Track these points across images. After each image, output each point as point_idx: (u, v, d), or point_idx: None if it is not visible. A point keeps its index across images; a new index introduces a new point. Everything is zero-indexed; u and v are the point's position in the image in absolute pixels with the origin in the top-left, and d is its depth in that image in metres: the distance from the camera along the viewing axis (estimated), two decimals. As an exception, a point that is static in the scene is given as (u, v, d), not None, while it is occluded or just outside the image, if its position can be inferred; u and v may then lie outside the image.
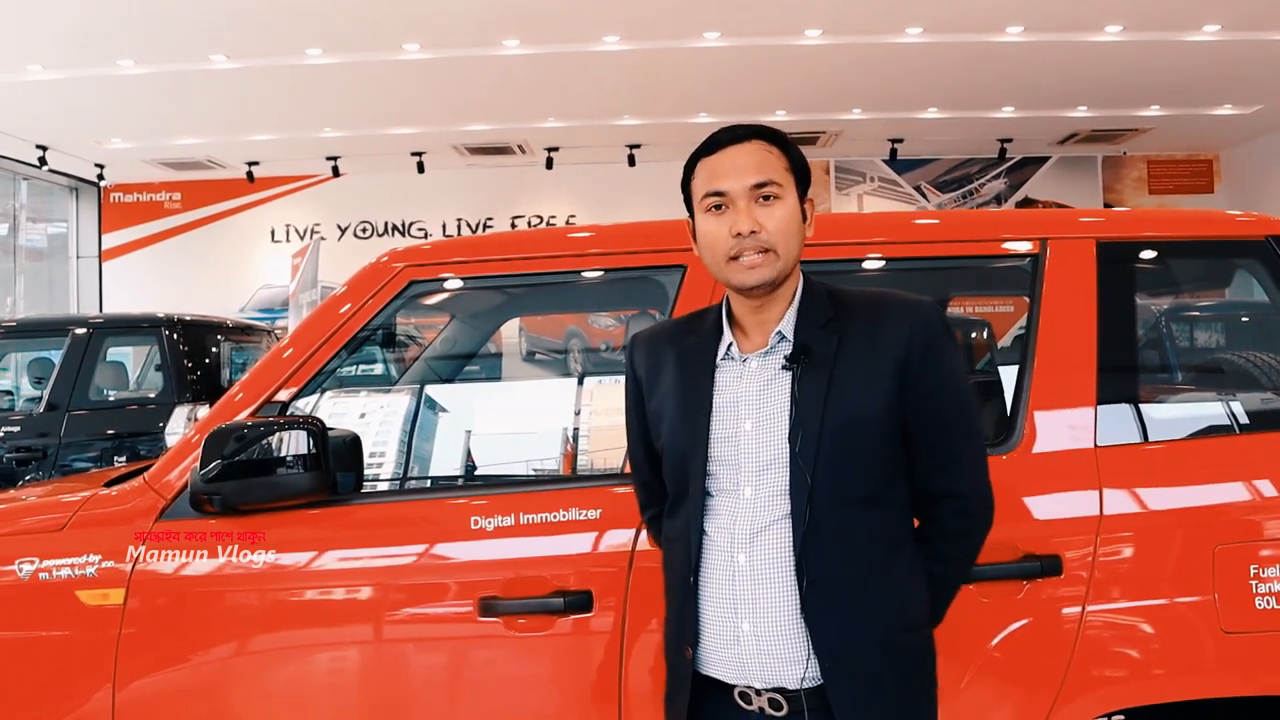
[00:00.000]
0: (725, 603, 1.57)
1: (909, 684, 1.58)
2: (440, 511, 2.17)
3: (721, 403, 1.62)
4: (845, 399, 1.55)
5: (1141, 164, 12.93)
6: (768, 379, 1.60)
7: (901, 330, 1.58)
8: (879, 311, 1.62)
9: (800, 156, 1.66)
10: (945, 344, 1.62)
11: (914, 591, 1.60)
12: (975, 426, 1.66)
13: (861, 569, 1.55)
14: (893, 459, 1.59)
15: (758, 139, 1.62)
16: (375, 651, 2.05)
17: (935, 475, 1.61)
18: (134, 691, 2.02)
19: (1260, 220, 2.29)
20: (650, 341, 1.77)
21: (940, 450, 1.61)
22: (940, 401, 1.59)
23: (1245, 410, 2.30)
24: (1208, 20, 7.98)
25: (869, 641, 1.53)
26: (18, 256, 12.54)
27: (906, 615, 1.58)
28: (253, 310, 12.47)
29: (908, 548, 1.61)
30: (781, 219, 1.59)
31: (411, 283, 2.27)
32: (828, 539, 1.53)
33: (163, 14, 7.49)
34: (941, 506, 1.63)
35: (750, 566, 1.55)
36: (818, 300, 1.63)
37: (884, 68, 9.09)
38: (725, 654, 1.57)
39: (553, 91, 9.79)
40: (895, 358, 1.57)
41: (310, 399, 2.40)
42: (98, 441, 5.76)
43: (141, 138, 11.11)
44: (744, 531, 1.57)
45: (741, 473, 1.58)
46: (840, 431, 1.54)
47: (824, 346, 1.58)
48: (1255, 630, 1.93)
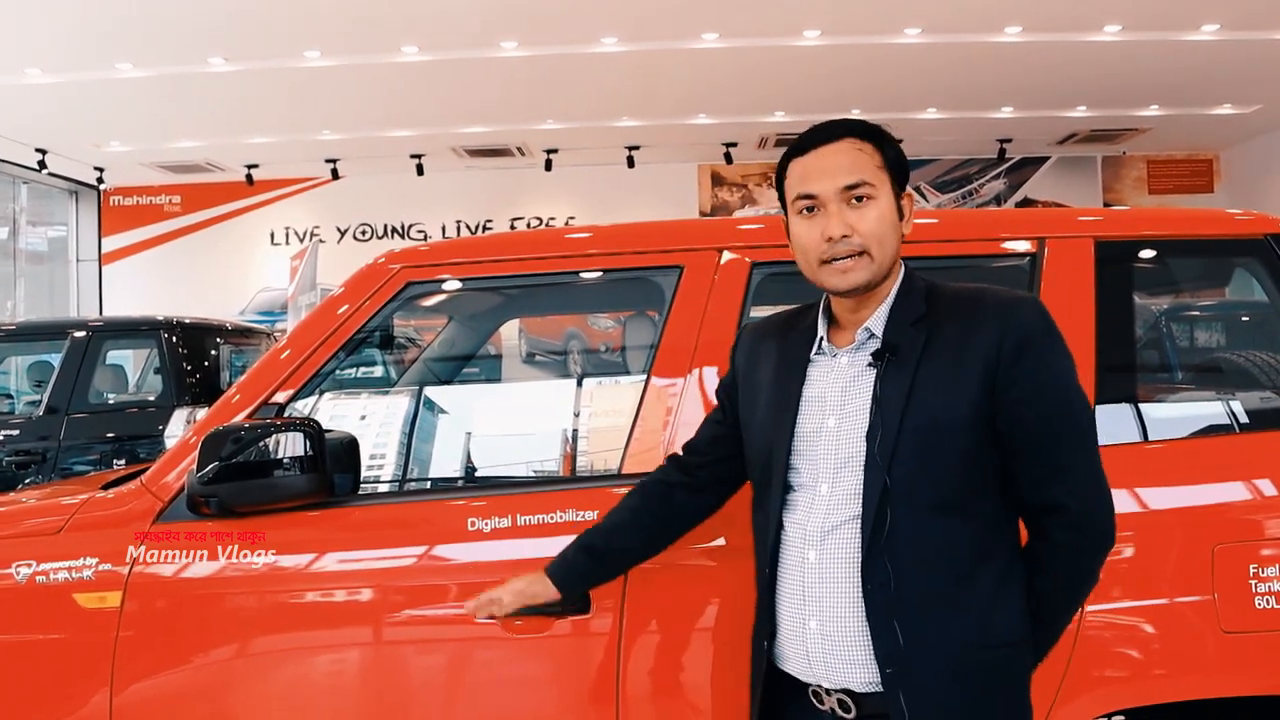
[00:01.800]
0: (797, 599, 1.56)
1: (984, 704, 1.50)
2: (438, 513, 2.17)
3: (809, 397, 1.60)
4: (927, 400, 1.50)
5: (1141, 164, 12.92)
6: (854, 376, 1.57)
7: (993, 331, 1.51)
8: (972, 310, 1.55)
9: (897, 152, 1.60)
10: (1045, 346, 1.52)
11: (1002, 609, 1.52)
12: (1085, 435, 1.55)
13: (935, 578, 1.49)
14: (979, 467, 1.51)
15: (850, 136, 1.57)
16: (373, 653, 2.04)
17: (1036, 487, 1.52)
18: (132, 694, 2.02)
19: (1259, 219, 2.29)
20: (755, 334, 1.77)
21: (1040, 460, 1.51)
22: (1037, 408, 1.50)
23: (1244, 409, 2.30)
24: (1207, 20, 7.98)
25: (936, 654, 1.48)
26: (18, 260, 12.54)
27: (988, 633, 1.50)
28: (252, 313, 12.48)
29: (998, 562, 1.53)
30: (874, 220, 1.54)
31: (409, 284, 2.27)
32: (898, 544, 1.48)
33: (161, 17, 7.49)
34: (1046, 520, 1.53)
35: (819, 564, 1.53)
36: (913, 296, 1.58)
37: (883, 68, 9.09)
38: (796, 650, 1.56)
39: (551, 93, 9.79)
40: (984, 360, 1.50)
41: (308, 401, 2.40)
42: (97, 444, 5.75)
43: (141, 141, 11.11)
44: (816, 528, 1.55)
45: (821, 469, 1.56)
46: (919, 433, 1.49)
47: (911, 345, 1.53)
48: (1255, 630, 1.92)
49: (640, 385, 2.20)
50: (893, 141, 1.60)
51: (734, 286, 2.18)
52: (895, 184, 1.59)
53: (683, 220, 2.41)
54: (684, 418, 2.10)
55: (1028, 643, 1.56)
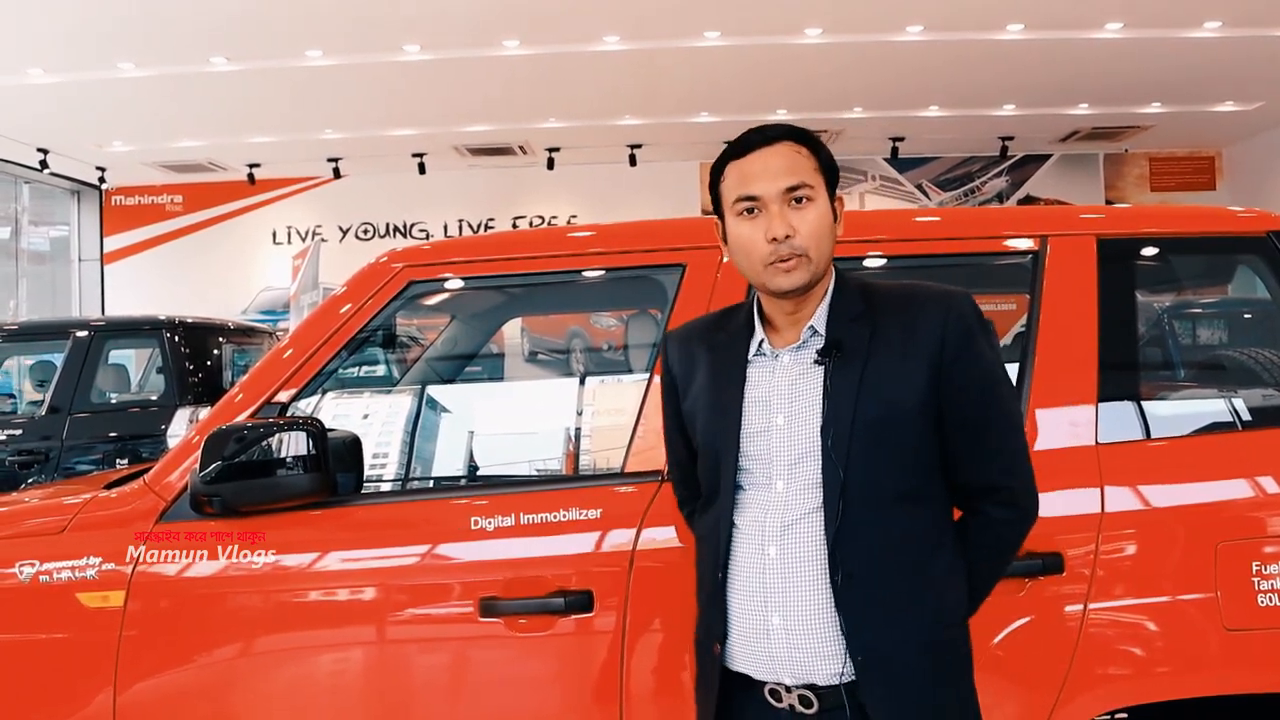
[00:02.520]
0: (755, 597, 1.57)
1: (946, 682, 1.57)
2: (441, 512, 2.17)
3: (753, 398, 1.62)
4: (878, 393, 1.54)
5: (1143, 161, 12.91)
6: (800, 374, 1.60)
7: (935, 323, 1.57)
8: (912, 304, 1.61)
9: (829, 155, 1.64)
10: (980, 336, 1.59)
11: (953, 588, 1.59)
12: (1016, 419, 1.64)
13: (899, 565, 1.54)
14: (929, 453, 1.58)
15: (788, 140, 1.61)
16: (376, 652, 2.05)
17: (976, 469, 1.60)
18: (135, 694, 2.02)
19: (1261, 216, 2.29)
20: (683, 340, 1.77)
21: (980, 444, 1.59)
22: (975, 394, 1.57)
23: (1247, 407, 2.30)
24: (1208, 17, 7.97)
25: (906, 639, 1.52)
26: (20, 260, 12.55)
27: (945, 613, 1.57)
28: (255, 312, 12.48)
29: (948, 543, 1.60)
30: (814, 222, 1.58)
31: (411, 283, 2.27)
32: (862, 533, 1.52)
33: (162, 16, 7.49)
34: (985, 500, 1.61)
35: (781, 559, 1.55)
36: (850, 294, 1.63)
37: (885, 66, 9.08)
38: (754, 649, 1.57)
39: (553, 92, 9.79)
40: (929, 351, 1.56)
41: (310, 400, 2.40)
42: (100, 444, 5.76)
43: (142, 140, 11.11)
44: (775, 525, 1.56)
45: (773, 467, 1.58)
46: (873, 425, 1.53)
47: (856, 340, 1.58)
48: (1258, 627, 1.92)
49: (643, 384, 2.20)
50: (825, 147, 1.65)
51: (736, 285, 2.17)
52: (830, 186, 1.63)
53: (685, 219, 2.41)
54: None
55: (968, 615, 1.63)
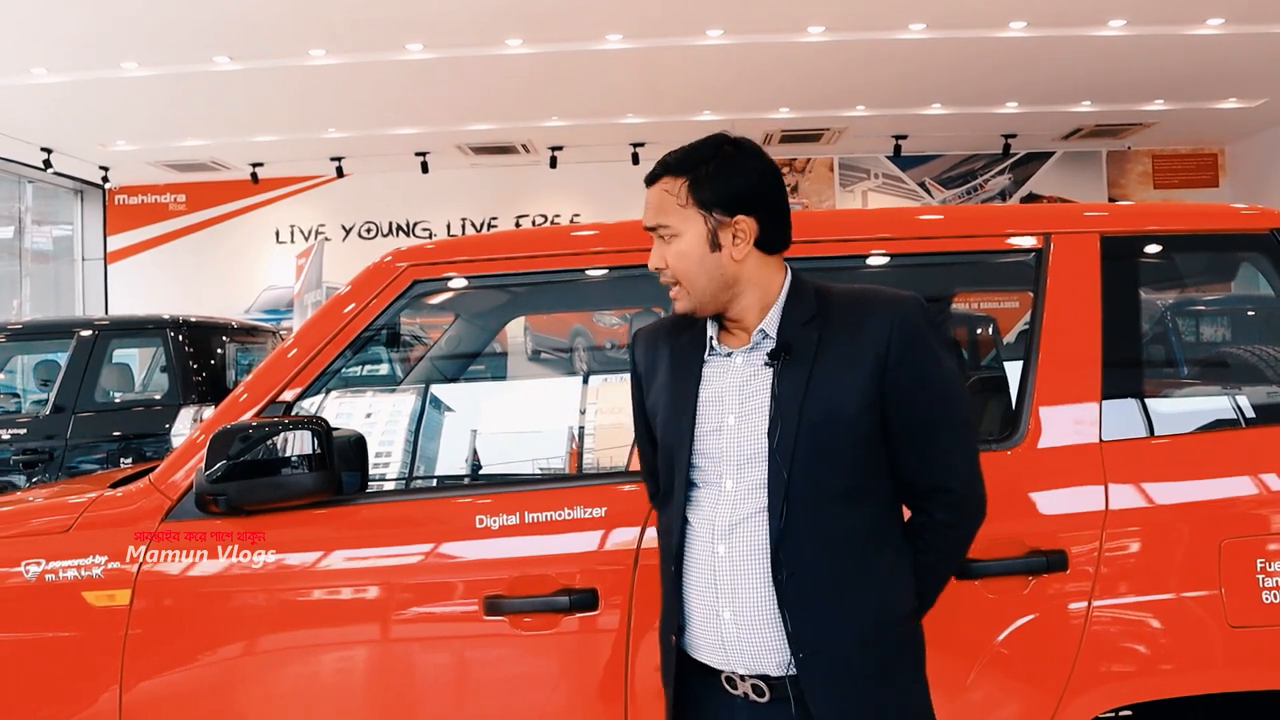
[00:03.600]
0: (708, 590, 1.62)
1: (888, 677, 1.60)
2: (445, 511, 2.18)
3: (706, 397, 1.66)
4: (823, 396, 1.58)
5: (1146, 159, 12.89)
6: (750, 375, 1.64)
7: (881, 327, 1.60)
8: (860, 308, 1.64)
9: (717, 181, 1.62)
10: (926, 340, 1.62)
11: (897, 586, 1.63)
12: (961, 421, 1.67)
13: (840, 563, 1.58)
14: (873, 455, 1.61)
15: (665, 176, 1.66)
16: (381, 651, 2.05)
17: (919, 471, 1.63)
18: (141, 692, 2.03)
19: (1265, 213, 2.29)
20: (649, 338, 1.82)
21: (923, 446, 1.62)
22: (920, 397, 1.60)
23: (1250, 404, 2.30)
24: (1211, 14, 7.95)
25: (845, 635, 1.57)
26: (24, 259, 12.57)
27: (888, 609, 1.61)
28: (258, 311, 12.49)
29: (892, 542, 1.64)
30: (674, 257, 1.64)
31: (415, 282, 2.27)
32: (805, 533, 1.56)
33: (166, 16, 7.50)
34: (929, 501, 1.65)
35: (729, 557, 1.60)
36: (804, 298, 1.66)
37: (887, 64, 9.07)
38: (710, 640, 1.62)
39: (556, 90, 9.79)
40: (875, 354, 1.59)
41: (315, 399, 2.41)
42: (104, 443, 5.77)
43: (146, 140, 11.12)
44: (724, 522, 1.61)
45: (724, 466, 1.63)
46: (818, 428, 1.57)
47: (804, 344, 1.61)
48: (1262, 625, 1.93)
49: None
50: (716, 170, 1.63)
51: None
52: (717, 208, 1.62)
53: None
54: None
55: (918, 614, 1.67)
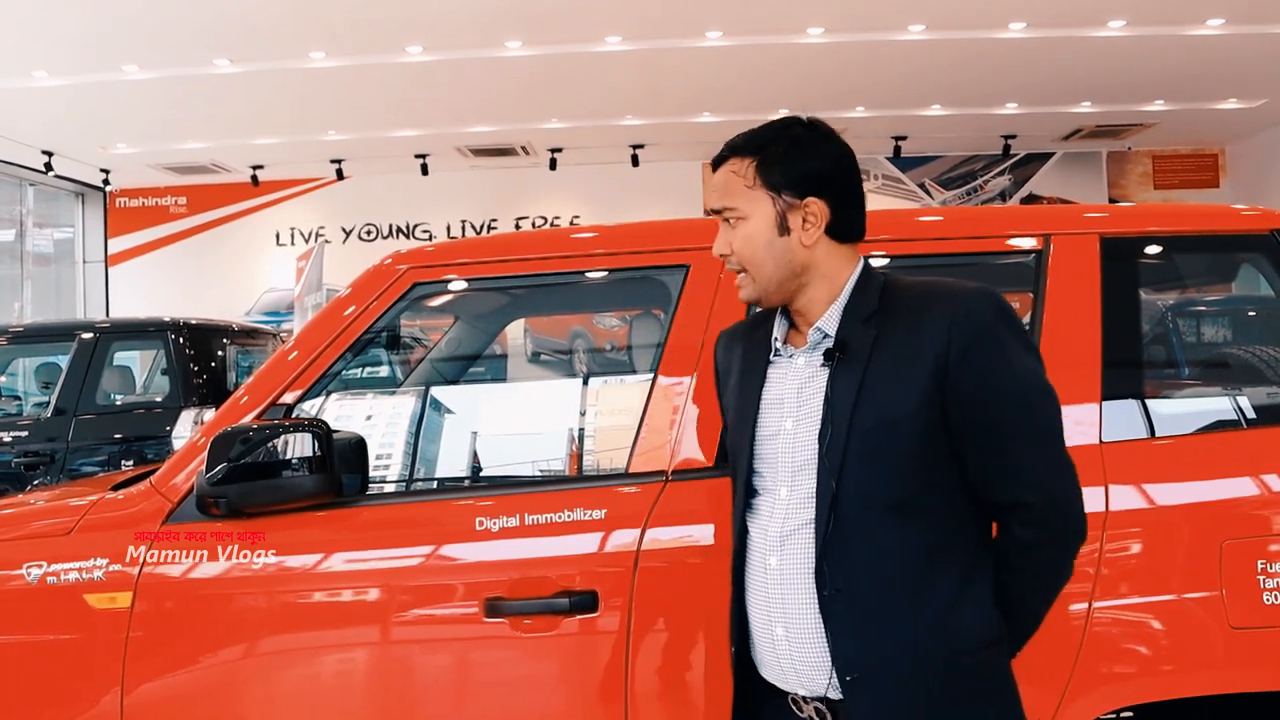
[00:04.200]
0: (763, 606, 1.55)
1: (953, 709, 1.46)
2: (446, 513, 2.18)
3: (769, 399, 1.59)
4: (876, 399, 1.47)
5: (1146, 159, 12.89)
6: (809, 376, 1.56)
7: (941, 324, 1.46)
8: (922, 303, 1.51)
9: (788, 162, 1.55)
10: (995, 338, 1.47)
11: (967, 611, 1.48)
12: (1043, 428, 1.49)
13: (891, 581, 1.46)
14: (933, 465, 1.47)
15: (732, 157, 1.59)
16: (382, 653, 2.05)
17: (993, 484, 1.48)
18: (142, 694, 2.03)
19: (1265, 214, 2.29)
20: (729, 337, 1.77)
21: (992, 457, 1.47)
22: (985, 403, 1.45)
23: (1251, 405, 2.30)
24: (1211, 14, 7.96)
25: (897, 658, 1.45)
26: (25, 262, 12.58)
27: (953, 635, 1.46)
28: (258, 313, 12.50)
29: (960, 562, 1.49)
30: (740, 241, 1.57)
31: (415, 284, 2.27)
32: (851, 547, 1.46)
33: (166, 19, 7.51)
34: (1010, 517, 1.49)
35: (780, 570, 1.52)
36: (869, 293, 1.55)
37: (887, 65, 9.08)
38: (768, 657, 1.55)
39: (556, 92, 9.80)
40: (933, 355, 1.46)
41: (315, 401, 2.41)
42: (105, 445, 5.77)
43: (146, 142, 11.14)
44: (776, 533, 1.54)
45: (780, 473, 1.55)
46: (870, 434, 1.46)
47: (861, 343, 1.51)
48: (1263, 626, 1.92)
49: (646, 384, 2.20)
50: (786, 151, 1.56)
51: (740, 285, 2.18)
52: (784, 195, 1.55)
53: (688, 219, 2.41)
54: (690, 416, 2.11)
55: (1001, 642, 1.51)
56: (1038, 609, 1.56)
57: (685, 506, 2.04)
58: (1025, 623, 1.55)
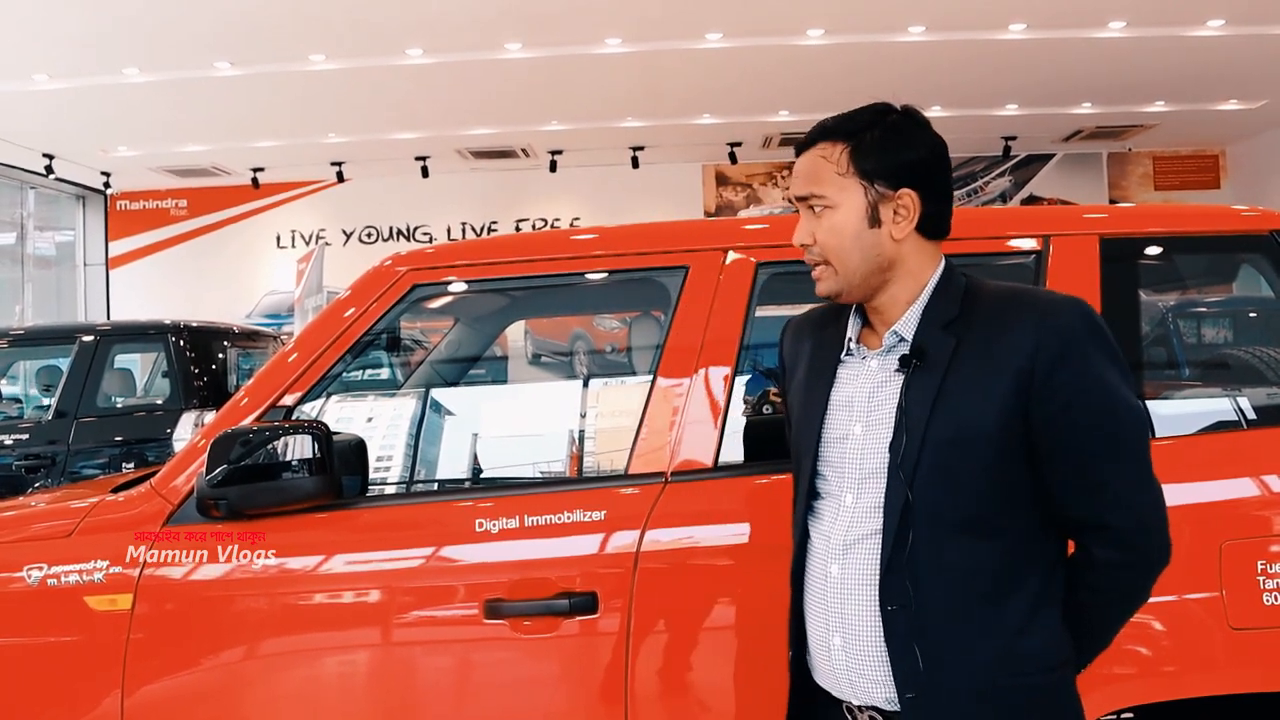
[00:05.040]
0: (820, 614, 1.50)
1: None
2: (446, 514, 2.18)
3: (837, 401, 1.53)
4: (954, 411, 1.40)
5: (1147, 160, 12.89)
6: (882, 381, 1.49)
7: (1026, 337, 1.40)
8: (1008, 313, 1.44)
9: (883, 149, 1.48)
10: (1084, 353, 1.41)
11: (1038, 634, 1.42)
12: (1130, 448, 1.43)
13: (959, 601, 1.40)
14: (1010, 482, 1.42)
15: (822, 140, 1.51)
16: (382, 654, 2.05)
17: (1074, 503, 1.43)
18: (143, 697, 2.03)
19: (1265, 215, 2.29)
20: (797, 329, 1.69)
21: (1078, 476, 1.41)
22: (1071, 421, 1.39)
23: (1251, 405, 2.29)
24: (1211, 15, 7.96)
25: (959, 679, 1.39)
26: (25, 265, 12.59)
27: (1020, 657, 1.41)
28: (259, 316, 12.49)
29: (1033, 583, 1.43)
30: (825, 231, 1.49)
31: (415, 286, 2.27)
32: (919, 563, 1.40)
33: (167, 21, 7.51)
34: (1088, 538, 1.45)
35: (842, 579, 1.47)
36: (950, 297, 1.49)
37: (887, 66, 9.08)
38: (824, 664, 1.51)
39: (555, 94, 9.80)
40: (1017, 368, 1.39)
41: (315, 403, 2.41)
42: (106, 448, 5.77)
43: (147, 145, 11.14)
44: (839, 541, 1.48)
45: (846, 478, 1.49)
46: (944, 447, 1.40)
47: (940, 350, 1.44)
48: (1263, 626, 1.92)
49: (646, 386, 2.20)
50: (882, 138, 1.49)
51: (739, 286, 2.18)
52: (877, 184, 1.48)
53: (688, 220, 2.42)
54: (690, 417, 2.11)
55: (1069, 665, 1.46)
56: (1110, 630, 1.52)
57: (685, 508, 2.04)
58: (1095, 643, 1.51)
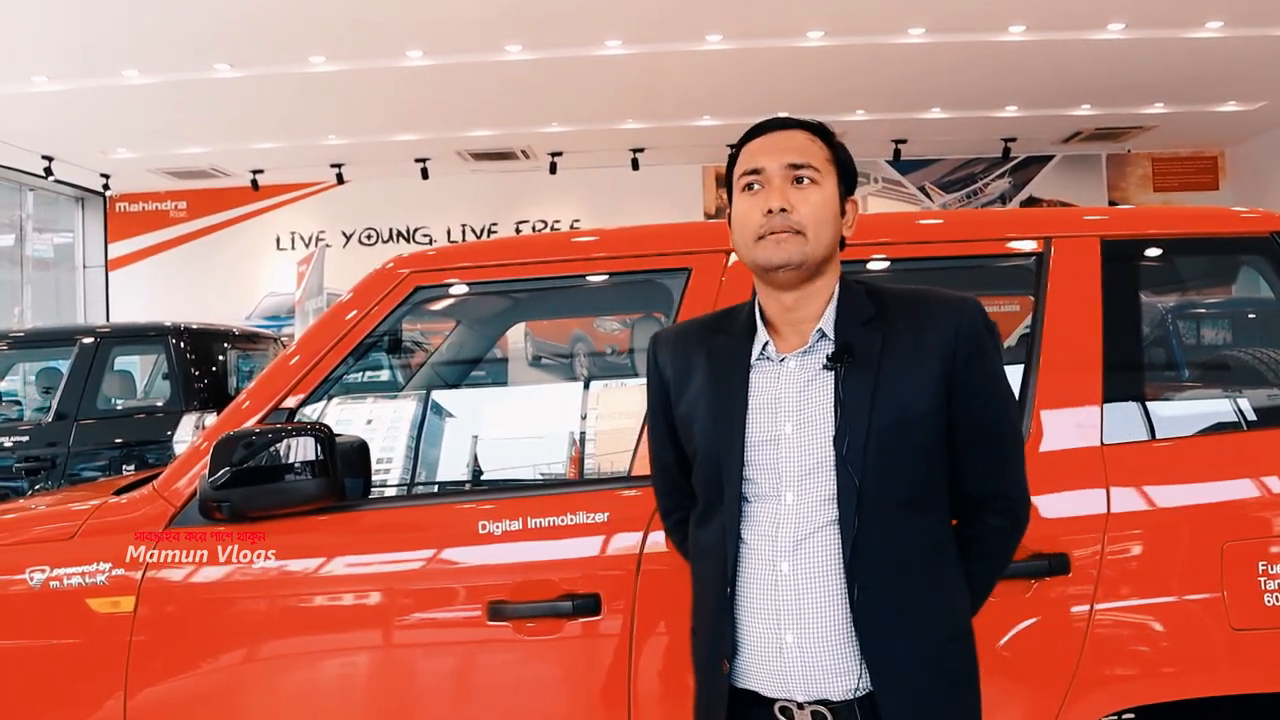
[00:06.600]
0: (767, 614, 1.52)
1: (957, 695, 1.55)
2: (448, 516, 2.18)
3: (758, 405, 1.56)
4: (892, 400, 1.51)
5: (1146, 161, 12.90)
6: (808, 380, 1.55)
7: (947, 329, 1.55)
8: (923, 309, 1.58)
9: (847, 157, 1.63)
10: (991, 343, 1.58)
11: (959, 599, 1.58)
12: (1016, 432, 1.64)
13: (912, 576, 1.52)
14: (937, 461, 1.55)
15: (805, 130, 1.61)
16: (384, 656, 2.05)
17: (982, 478, 1.59)
18: (145, 699, 2.03)
19: (1265, 216, 2.29)
20: (677, 341, 1.71)
21: (987, 453, 1.58)
22: (986, 403, 1.56)
23: (1252, 407, 2.30)
24: (1210, 16, 7.97)
25: (920, 650, 1.50)
26: (25, 267, 12.58)
27: (955, 624, 1.56)
28: (259, 318, 12.50)
29: (950, 552, 1.58)
30: (816, 203, 1.55)
31: (417, 288, 2.28)
32: (877, 545, 1.49)
33: (166, 23, 7.52)
34: (985, 509, 1.60)
35: (794, 575, 1.50)
36: (857, 298, 1.59)
37: (887, 68, 9.09)
38: (766, 667, 1.52)
39: (556, 96, 9.81)
40: (941, 357, 1.53)
41: (317, 405, 2.41)
42: (106, 450, 5.77)
43: (146, 147, 11.14)
44: (787, 539, 1.51)
45: (783, 478, 1.53)
46: (887, 433, 1.50)
47: (867, 346, 1.53)
48: (1264, 627, 1.93)
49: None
50: (844, 148, 1.64)
51: (741, 288, 2.18)
52: (842, 183, 1.61)
53: (690, 223, 2.42)
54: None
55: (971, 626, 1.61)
56: (992, 586, 1.67)
57: (687, 509, 2.04)
58: (982, 599, 1.66)
